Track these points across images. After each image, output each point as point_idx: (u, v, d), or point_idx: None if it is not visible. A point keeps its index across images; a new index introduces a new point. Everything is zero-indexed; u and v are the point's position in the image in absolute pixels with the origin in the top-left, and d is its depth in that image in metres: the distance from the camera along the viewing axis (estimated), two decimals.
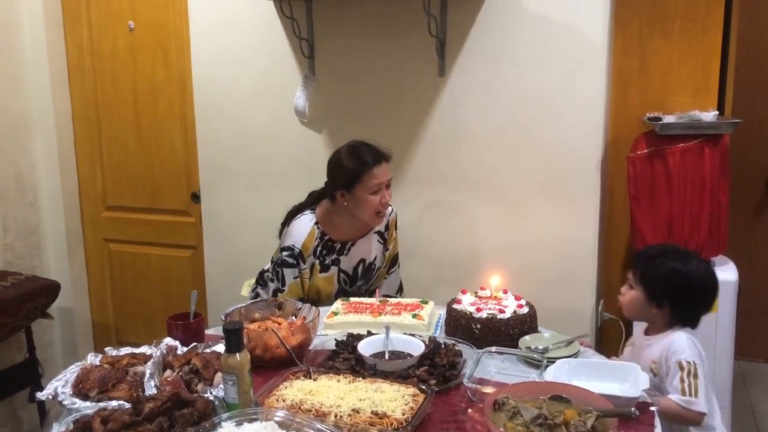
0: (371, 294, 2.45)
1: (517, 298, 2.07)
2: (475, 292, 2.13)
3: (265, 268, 2.49)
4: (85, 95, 3.52)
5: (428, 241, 2.79)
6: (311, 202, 2.43)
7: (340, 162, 2.28)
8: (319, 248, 2.35)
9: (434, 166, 2.73)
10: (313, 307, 2.01)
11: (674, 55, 2.77)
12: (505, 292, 2.10)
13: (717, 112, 2.62)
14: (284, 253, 2.33)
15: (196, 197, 3.33)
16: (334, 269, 2.38)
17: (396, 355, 1.80)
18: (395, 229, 2.52)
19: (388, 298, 2.29)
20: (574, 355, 1.84)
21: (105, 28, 3.40)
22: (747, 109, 3.08)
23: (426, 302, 2.19)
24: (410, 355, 1.77)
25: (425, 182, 2.78)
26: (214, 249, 3.18)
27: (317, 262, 2.36)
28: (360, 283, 2.45)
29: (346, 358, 1.80)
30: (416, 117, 2.74)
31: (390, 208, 2.44)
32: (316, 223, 2.35)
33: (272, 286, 2.38)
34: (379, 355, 1.79)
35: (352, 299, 2.27)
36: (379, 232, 2.45)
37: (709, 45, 2.73)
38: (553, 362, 1.72)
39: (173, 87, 3.32)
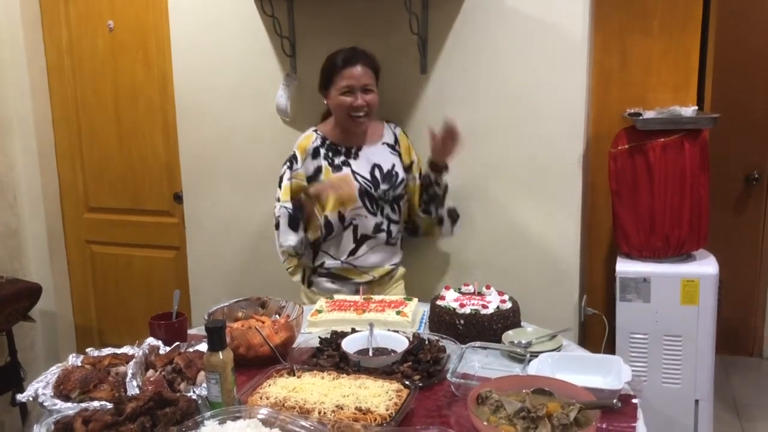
0: (398, 199, 2.49)
1: (500, 294, 2.08)
2: (459, 289, 2.13)
3: None
4: (64, 95, 3.49)
5: (411, 239, 2.78)
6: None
7: (322, 65, 2.41)
8: (322, 150, 2.43)
9: None
10: (297, 305, 2.01)
11: (654, 52, 2.80)
12: (488, 287, 2.11)
13: (696, 108, 2.64)
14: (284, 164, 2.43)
15: (178, 197, 3.32)
16: (346, 169, 2.42)
17: (380, 351, 1.80)
18: (409, 143, 2.58)
19: (372, 296, 2.29)
20: (557, 349, 1.85)
21: (84, 27, 3.38)
22: (726, 105, 3.11)
23: (410, 299, 2.20)
24: (394, 352, 1.77)
25: None
26: (198, 249, 3.16)
27: (325, 163, 2.42)
28: (385, 186, 2.46)
29: (330, 356, 1.80)
30: (398, 114, 2.74)
31: (393, 125, 2.57)
32: (315, 130, 2.47)
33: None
34: (364, 351, 1.79)
35: (336, 297, 2.27)
36: (388, 144, 2.52)
37: (688, 41, 2.75)
38: (537, 356, 1.73)
39: (154, 87, 3.31)
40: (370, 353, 1.79)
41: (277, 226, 2.39)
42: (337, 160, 2.44)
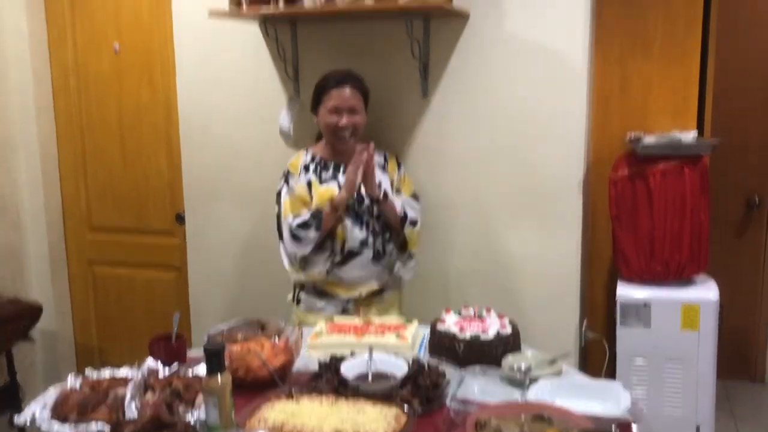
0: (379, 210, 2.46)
1: (501, 317, 2.07)
2: (459, 311, 2.13)
3: None
4: (69, 116, 3.52)
5: None
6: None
7: (315, 85, 2.51)
8: (311, 166, 2.50)
9: (417, 187, 2.74)
10: (296, 329, 2.01)
11: (654, 77, 2.81)
12: (488, 310, 2.11)
13: (696, 133, 2.65)
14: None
15: (180, 218, 3.33)
16: (333, 183, 2.47)
17: (379, 376, 1.79)
18: (398, 168, 2.58)
19: (372, 318, 2.29)
20: (557, 374, 1.85)
21: (90, 49, 3.41)
22: (726, 129, 3.12)
23: (410, 321, 2.20)
24: (393, 377, 1.77)
25: None
26: (199, 270, 3.17)
27: (314, 177, 2.48)
28: (367, 202, 2.46)
29: (329, 380, 1.80)
30: (399, 138, 2.76)
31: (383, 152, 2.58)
32: (306, 149, 2.56)
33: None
34: (363, 376, 1.79)
35: (336, 319, 2.27)
36: (378, 163, 2.50)
37: (687, 67, 2.77)
38: (536, 381, 1.72)
39: (158, 108, 3.33)
40: (370, 378, 1.78)
41: (282, 237, 2.45)
42: (325, 175, 2.49)
